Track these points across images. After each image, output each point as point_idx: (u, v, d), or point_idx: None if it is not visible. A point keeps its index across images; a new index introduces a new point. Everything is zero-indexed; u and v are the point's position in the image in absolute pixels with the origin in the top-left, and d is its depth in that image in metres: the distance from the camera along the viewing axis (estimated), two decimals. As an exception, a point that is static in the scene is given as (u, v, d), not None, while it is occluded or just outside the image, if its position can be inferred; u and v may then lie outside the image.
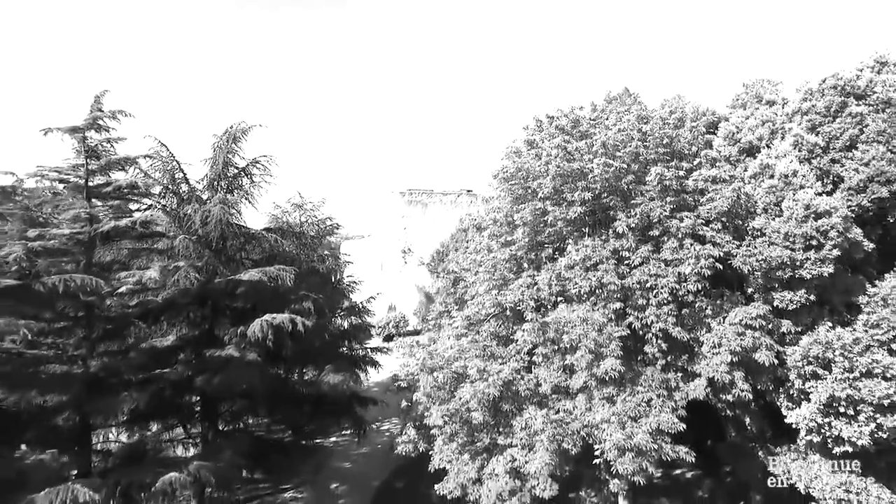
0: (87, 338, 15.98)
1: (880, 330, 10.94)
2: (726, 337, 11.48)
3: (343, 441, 29.18)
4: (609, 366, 11.67)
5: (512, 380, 13.46)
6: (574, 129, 15.25)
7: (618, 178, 12.86)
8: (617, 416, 11.61)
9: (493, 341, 14.96)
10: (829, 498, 13.31)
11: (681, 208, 12.27)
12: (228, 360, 16.97)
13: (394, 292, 55.76)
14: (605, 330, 11.92)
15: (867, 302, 11.52)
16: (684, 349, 13.36)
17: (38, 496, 9.73)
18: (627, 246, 12.60)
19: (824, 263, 10.93)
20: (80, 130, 15.96)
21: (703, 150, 13.19)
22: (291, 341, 18.25)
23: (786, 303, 11.66)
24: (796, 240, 10.95)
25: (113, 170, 16.87)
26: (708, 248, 11.36)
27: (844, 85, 12.47)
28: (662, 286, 11.53)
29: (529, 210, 13.69)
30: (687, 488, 23.07)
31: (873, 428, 11.01)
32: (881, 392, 10.43)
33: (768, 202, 11.65)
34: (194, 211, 19.50)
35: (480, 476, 15.02)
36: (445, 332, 17.55)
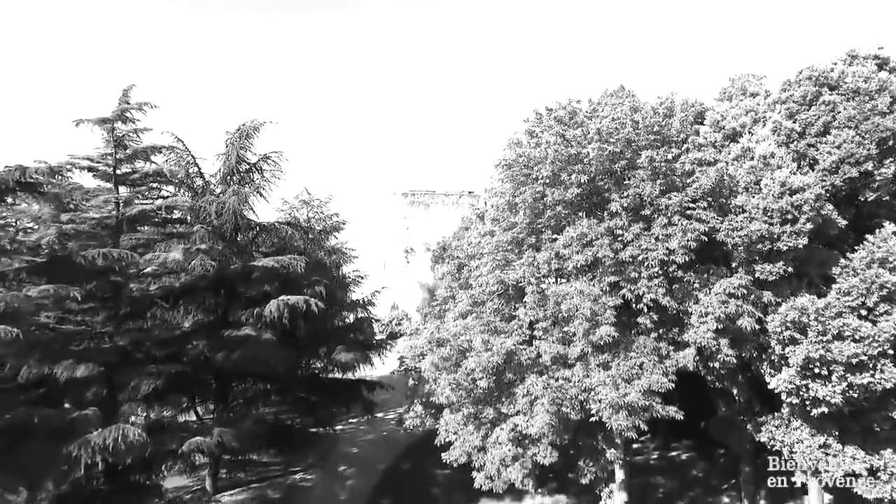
0: (114, 316, 16.98)
1: (850, 297, 11.97)
2: (712, 306, 12.51)
3: (349, 428, 30.09)
4: (604, 332, 12.69)
5: (514, 350, 14.47)
6: (571, 119, 16.33)
7: (612, 162, 13.94)
8: (611, 379, 12.60)
9: (497, 318, 15.95)
10: (810, 459, 14.29)
11: (670, 189, 13.34)
12: (245, 339, 17.99)
13: (396, 292, 56.70)
14: (600, 300, 12.94)
15: (840, 272, 12.56)
16: (674, 322, 14.38)
17: (92, 435, 10.68)
18: (621, 224, 13.65)
19: (799, 236, 11.99)
20: (109, 121, 17.05)
21: (691, 137, 14.28)
22: (304, 322, 19.23)
23: (766, 274, 12.70)
24: (774, 214, 12.01)
25: (139, 159, 17.95)
26: (694, 224, 12.42)
27: (819, 76, 13.59)
28: (653, 259, 12.56)
29: (530, 193, 14.76)
30: (682, 469, 24.03)
31: (845, 387, 12.00)
32: (850, 352, 11.45)
33: (749, 181, 12.72)
34: (209, 203, 20.58)
35: (485, 444, 16.00)
36: (451, 315, 18.52)
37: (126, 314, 17.39)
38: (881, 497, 14.06)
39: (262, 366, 17.76)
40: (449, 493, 22.29)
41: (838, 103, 13.04)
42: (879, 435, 13.98)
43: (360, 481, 23.80)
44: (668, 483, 22.50)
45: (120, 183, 17.66)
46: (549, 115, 17.41)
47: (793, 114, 13.57)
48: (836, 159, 12.66)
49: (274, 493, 22.97)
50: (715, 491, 21.65)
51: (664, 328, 14.32)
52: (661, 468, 24.10)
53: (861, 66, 13.49)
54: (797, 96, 13.56)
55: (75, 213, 17.14)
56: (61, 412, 11.81)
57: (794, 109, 13.58)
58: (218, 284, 20.43)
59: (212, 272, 18.61)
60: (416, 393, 19.26)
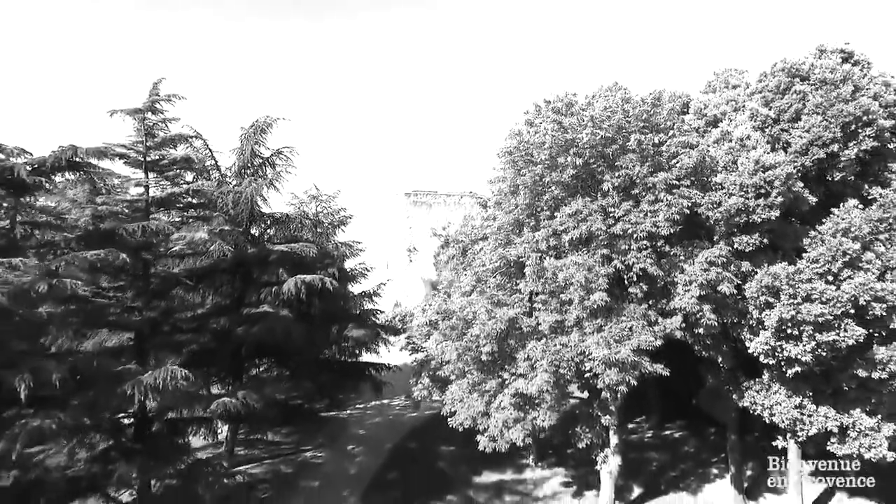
0: (143, 292, 18.25)
1: (818, 264, 13.29)
2: (695, 274, 13.83)
3: (357, 413, 31.28)
4: (597, 298, 14.00)
5: (516, 318, 15.77)
6: (568, 110, 17.73)
7: (604, 146, 15.31)
8: (604, 339, 13.89)
9: (499, 292, 17.25)
10: (786, 418, 15.56)
11: (658, 170, 14.70)
12: (264, 315, 19.28)
13: (400, 291, 57.95)
14: (594, 269, 14.26)
15: (809, 242, 13.89)
16: (662, 294, 15.69)
17: (143, 376, 11.93)
18: (612, 203, 15.01)
19: (771, 208, 13.34)
20: (141, 112, 18.42)
21: (677, 124, 15.67)
22: (319, 301, 20.48)
23: (744, 245, 14.04)
24: (749, 189, 13.36)
25: (166, 147, 19.32)
26: (679, 199, 13.77)
27: (791, 68, 14.99)
28: (641, 231, 13.91)
29: (529, 175, 16.12)
30: (674, 445, 25.29)
31: (814, 345, 13.30)
32: (817, 311, 12.76)
33: (727, 161, 14.08)
34: (226, 193, 21.94)
35: (488, 410, 17.26)
36: (456, 294, 19.81)
37: (154, 291, 18.66)
38: (850, 453, 15.34)
39: (279, 340, 19.00)
40: (454, 466, 23.50)
41: (808, 92, 14.43)
42: (849, 395, 15.26)
43: (367, 459, 25.00)
44: (662, 458, 23.73)
45: (149, 169, 19.02)
46: (548, 106, 18.80)
47: (768, 102, 14.97)
48: (805, 142, 14.04)
49: (286, 469, 24.16)
50: (705, 464, 22.88)
51: (653, 299, 15.64)
52: (655, 445, 25.31)
53: (828, 59, 14.89)
54: (772, 86, 14.97)
55: (108, 196, 18.48)
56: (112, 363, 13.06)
57: (769, 98, 14.99)
58: (236, 267, 21.76)
59: (230, 256, 19.94)
60: (423, 368, 20.47)
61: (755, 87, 15.56)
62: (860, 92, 14.11)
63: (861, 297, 12.72)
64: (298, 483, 22.65)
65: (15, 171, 11.81)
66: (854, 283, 12.76)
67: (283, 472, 23.79)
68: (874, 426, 14.90)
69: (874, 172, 14.80)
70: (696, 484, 21.11)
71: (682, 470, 22.50)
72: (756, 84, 15.61)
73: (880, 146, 14.33)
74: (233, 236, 20.52)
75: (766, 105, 14.96)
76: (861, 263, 13.10)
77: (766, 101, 15.02)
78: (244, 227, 22.57)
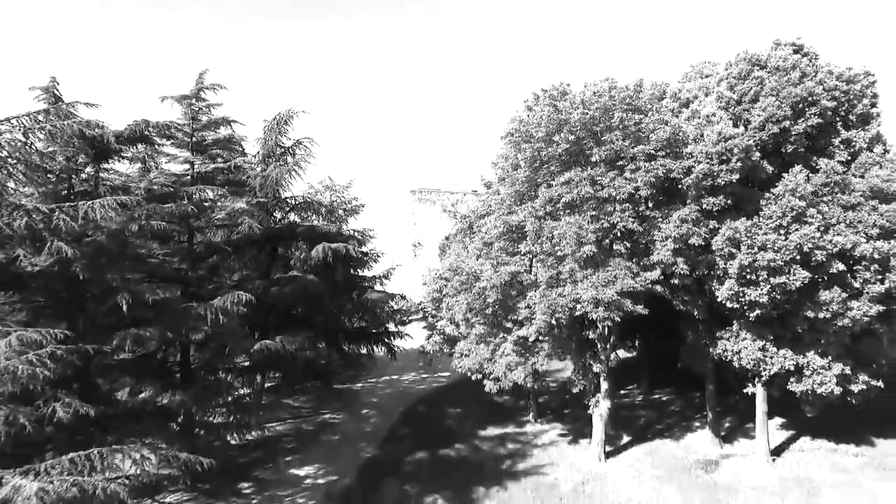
0: (189, 256, 20.75)
1: (771, 219, 15.86)
2: (669, 229, 16.38)
3: (368, 386, 33.64)
4: (587, 250, 16.51)
5: (517, 273, 18.28)
6: (562, 97, 20.37)
7: (593, 124, 17.91)
8: (593, 284, 16.38)
9: (503, 254, 19.77)
10: (751, 360, 18.01)
11: (638, 143, 17.29)
12: (294, 278, 21.76)
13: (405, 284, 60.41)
14: (584, 227, 16.80)
15: (765, 203, 16.46)
16: (644, 252, 18.23)
17: (214, 301, 14.32)
18: (600, 172, 17.57)
19: (732, 173, 15.91)
20: (188, 98, 21.04)
21: (656, 106, 18.30)
22: (342, 267, 22.89)
23: (711, 205, 16.60)
24: (713, 157, 15.94)
25: (208, 129, 21.92)
26: (655, 165, 16.35)
27: (751, 58, 17.65)
28: (624, 193, 16.47)
29: (529, 150, 18.70)
30: (662, 406, 27.71)
31: (769, 288, 15.81)
32: (770, 257, 15.30)
33: (696, 134, 16.68)
34: (254, 177, 24.53)
35: (493, 356, 19.73)
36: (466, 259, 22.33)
37: (197, 255, 21.15)
38: (805, 390, 17.78)
39: (309, 298, 21.45)
40: (460, 423, 25.85)
41: (765, 78, 17.06)
42: (804, 339, 17.72)
43: (380, 420, 27.34)
44: (649, 415, 26.10)
45: (195, 149, 21.60)
46: (545, 94, 21.47)
47: (732, 86, 17.61)
48: (762, 119, 16.64)
49: (308, 427, 26.51)
50: (688, 419, 25.26)
51: (636, 257, 18.18)
52: (644, 406, 27.68)
53: (782, 50, 17.55)
54: (735, 73, 17.62)
55: (159, 171, 21.03)
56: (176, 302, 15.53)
57: (732, 83, 17.63)
58: (265, 241, 24.30)
59: (259, 232, 22.45)
60: (433, 329, 22.90)
61: (722, 75, 18.22)
62: (807, 78, 16.73)
63: (805, 245, 15.26)
64: (319, 437, 24.98)
65: (105, 137, 14.32)
66: (800, 234, 15.30)
67: (304, 430, 26.14)
68: (825, 365, 17.37)
69: (821, 146, 17.40)
70: (678, 434, 23.48)
71: (667, 424, 24.88)
72: (723, 72, 18.28)
73: (824, 123, 16.95)
74: (263, 211, 23.05)
75: (731, 89, 17.60)
76: (806, 218, 15.66)
77: (730, 85, 17.67)
78: (268, 209, 25.14)
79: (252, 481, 20.53)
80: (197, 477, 20.45)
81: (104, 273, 12.79)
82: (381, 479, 20.13)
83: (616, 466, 20.51)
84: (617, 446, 22.40)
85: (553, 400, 28.96)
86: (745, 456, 20.74)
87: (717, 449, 21.55)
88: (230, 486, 19.93)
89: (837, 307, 15.98)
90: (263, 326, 22.66)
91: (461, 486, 19.34)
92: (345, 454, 22.74)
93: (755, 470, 19.53)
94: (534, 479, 19.68)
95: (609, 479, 19.52)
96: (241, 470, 21.29)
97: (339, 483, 20.14)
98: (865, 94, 17.48)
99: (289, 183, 26.37)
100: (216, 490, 19.65)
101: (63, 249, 11.13)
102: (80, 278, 11.99)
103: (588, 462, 20.81)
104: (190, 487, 19.73)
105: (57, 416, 10.14)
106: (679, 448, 22.03)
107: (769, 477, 18.92)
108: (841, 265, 15.73)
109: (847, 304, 16.12)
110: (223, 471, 21.16)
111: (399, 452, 22.72)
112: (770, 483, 18.46)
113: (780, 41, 17.95)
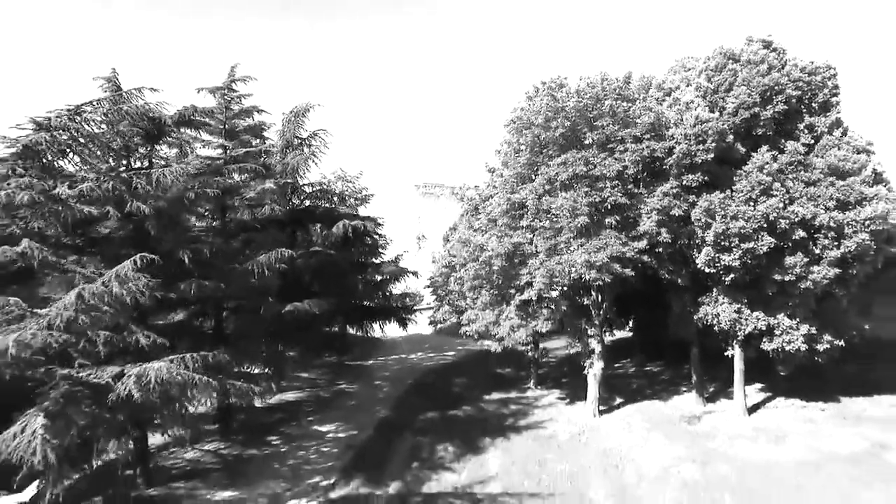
0: (222, 231, 22.95)
1: (742, 193, 18.13)
2: (653, 203, 18.63)
3: (379, 363, 35.86)
4: (581, 221, 18.77)
5: (520, 243, 20.53)
6: (559, 88, 22.64)
7: (587, 111, 20.17)
8: (586, 250, 18.63)
9: (506, 229, 22.01)
10: (728, 321, 20.23)
11: (626, 127, 19.56)
12: (316, 252, 23.99)
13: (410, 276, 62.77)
14: (578, 200, 19.05)
15: (737, 179, 18.72)
16: (633, 226, 20.47)
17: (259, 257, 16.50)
18: (592, 153, 19.84)
19: (708, 152, 18.18)
20: (222, 89, 23.29)
21: (643, 95, 20.58)
22: (360, 244, 25.08)
23: (690, 182, 18.86)
24: (691, 138, 18.21)
25: (241, 117, 24.17)
26: (641, 146, 18.62)
27: (727, 52, 19.95)
28: (613, 171, 18.74)
29: (530, 135, 20.97)
30: (653, 376, 29.97)
31: (740, 253, 18.06)
32: (740, 225, 17.55)
33: (677, 119, 18.96)
34: (274, 165, 26.78)
35: (498, 320, 21.96)
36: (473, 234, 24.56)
37: (230, 231, 23.37)
38: (776, 348, 20.00)
39: (329, 274, 23.68)
40: (467, 390, 28.06)
41: (738, 70, 19.35)
42: (775, 302, 19.94)
43: (392, 389, 29.56)
44: (641, 382, 28.33)
45: (228, 136, 23.85)
46: (544, 86, 23.75)
47: (709, 77, 19.91)
48: (735, 106, 18.91)
49: (325, 395, 28.73)
50: (677, 385, 27.47)
51: (626, 230, 20.42)
52: (637, 375, 29.91)
53: (754, 45, 19.86)
54: (712, 66, 19.93)
55: (194, 154, 23.26)
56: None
57: (710, 75, 19.92)
58: (289, 222, 26.55)
59: (281, 214, 24.67)
60: (442, 300, 25.08)
61: (701, 67, 20.50)
62: (774, 70, 19.01)
63: (771, 215, 17.52)
64: (337, 403, 27.19)
65: (163, 118, 16.55)
66: (766, 205, 17.56)
67: (322, 397, 28.36)
68: (793, 325, 19.60)
69: (787, 130, 19.66)
70: (666, 396, 25.70)
71: (656, 389, 27.12)
72: (702, 65, 20.58)
73: (790, 110, 19.22)
74: (283, 196, 25.27)
75: (709, 80, 19.89)
76: (772, 192, 17.92)
77: (708, 77, 19.96)
78: (288, 194, 27.39)
79: (279, 435, 22.75)
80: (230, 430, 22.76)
81: (167, 233, 15.01)
82: (396, 433, 22.34)
83: (609, 421, 22.74)
84: (610, 406, 24.62)
85: (552, 372, 31.22)
86: (724, 412, 22.98)
87: (701, 407, 23.77)
88: (261, 439, 22.17)
89: (800, 270, 18.22)
90: (290, 296, 24.89)
91: (469, 437, 21.56)
92: (361, 415, 24.95)
93: (732, 422, 21.76)
94: (534, 432, 21.90)
95: (602, 430, 21.74)
96: (268, 427, 23.51)
97: (358, 436, 22.35)
98: (826, 84, 19.75)
99: (306, 170, 28.68)
100: (248, 441, 21.87)
101: (141, 208, 13.33)
102: (151, 234, 14.19)
103: (583, 417, 23.03)
104: (225, 438, 21.97)
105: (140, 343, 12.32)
106: (666, 407, 24.25)
107: (744, 427, 21.15)
108: (803, 233, 17.97)
109: (809, 269, 18.35)
110: (252, 427, 23.46)
111: (411, 414, 24.92)
112: (745, 431, 20.69)
113: (752, 38, 20.26)
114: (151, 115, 15.97)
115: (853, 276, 18.83)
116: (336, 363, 34.31)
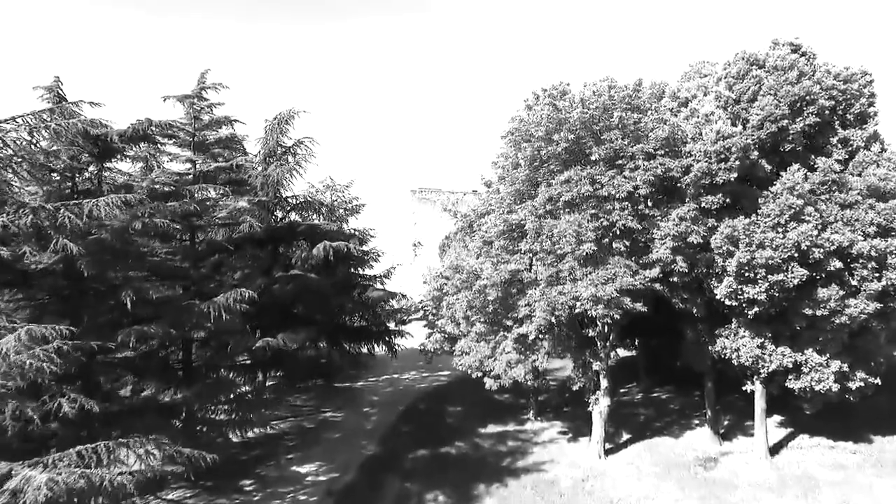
0: (191, 255, 20.85)
1: (769, 217, 15.97)
2: (668, 227, 16.49)
3: (369, 385, 33.77)
4: (586, 248, 16.63)
5: (518, 271, 18.40)
6: (561, 96, 20.48)
7: (592, 123, 18.03)
8: (592, 281, 16.50)
9: (503, 252, 19.88)
10: (750, 357, 18.12)
11: (637, 141, 17.42)
12: (295, 276, 21.88)
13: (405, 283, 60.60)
14: (583, 225, 16.91)
15: (763, 201, 16.58)
16: (643, 250, 18.34)
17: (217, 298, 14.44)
18: (599, 171, 17.69)
19: (730, 171, 16.03)
20: (190, 97, 21.15)
21: (655, 105, 18.42)
22: (343, 265, 23.01)
23: (709, 203, 16.72)
24: (712, 155, 16.05)
25: (210, 129, 22.04)
26: (654, 164, 16.47)
27: (750, 57, 17.76)
28: (623, 191, 16.59)
29: (529, 149, 18.82)
30: (661, 404, 27.82)
31: (767, 286, 15.93)
32: (768, 255, 15.41)
33: (695, 133, 16.80)
34: (255, 177, 24.65)
35: (494, 354, 19.85)
36: (466, 258, 22.45)
37: (199, 254, 21.27)
38: (803, 387, 17.89)
39: (310, 296, 21.58)
40: (461, 421, 25.97)
41: (763, 77, 17.17)
42: (803, 336, 17.83)
43: (382, 416, 27.46)
44: (649, 413, 26.22)
45: (196, 148, 21.72)
46: (544, 93, 21.59)
47: (730, 86, 17.73)
48: (760, 118, 16.75)
49: (309, 424, 26.62)
50: (688, 417, 25.36)
51: (636, 255, 18.29)
52: (644, 404, 27.80)
53: (780, 50, 17.67)
54: (733, 72, 17.74)
55: (161, 170, 21.14)
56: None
57: (731, 82, 17.74)
58: (267, 240, 24.44)
59: (260, 230, 22.56)
60: (433, 327, 23.00)
61: (721, 74, 18.34)
62: (805, 77, 16.84)
63: (803, 243, 15.38)
64: (321, 435, 25.10)
65: (109, 136, 14.44)
66: (797, 232, 15.42)
67: (305, 427, 26.25)
68: (823, 362, 17.48)
69: (818, 145, 17.52)
70: (677, 431, 23.59)
71: (666, 421, 25.00)
72: (721, 71, 18.41)
73: (822, 122, 17.06)
74: (264, 210, 23.17)
75: (729, 88, 17.72)
76: (803, 217, 15.77)
77: (728, 85, 17.79)
78: (269, 208, 25.26)
79: (254, 478, 20.65)
80: (199, 474, 20.47)
81: (108, 270, 12.92)
82: (382, 476, 20.25)
83: (616, 463, 20.63)
84: (616, 443, 22.51)
85: (553, 398, 29.09)
86: (743, 453, 20.86)
87: (716, 446, 21.66)
88: (232, 484, 20.05)
89: (835, 304, 16.09)
90: (265, 325, 22.78)
91: (462, 483, 19.47)
92: (346, 451, 22.86)
93: (754, 467, 19.65)
94: (534, 477, 19.80)
95: (609, 475, 19.64)
96: (243, 467, 21.40)
97: (340, 480, 20.26)
98: (863, 93, 17.60)
99: (290, 182, 26.54)
100: (218, 487, 19.76)
101: (68, 247, 11.26)
102: (85, 275, 12.11)
103: (588, 459, 20.93)
104: (192, 484, 19.83)
105: (62, 411, 10.28)
106: (678, 445, 22.14)
107: (767, 474, 19.04)
108: (838, 263, 15.85)
109: (845, 302, 16.23)
110: (225, 468, 21.25)
111: (400, 450, 22.82)
112: (768, 480, 18.58)
113: (778, 41, 18.08)
114: (93, 133, 13.81)
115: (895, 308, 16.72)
116: (323, 386, 32.16)
